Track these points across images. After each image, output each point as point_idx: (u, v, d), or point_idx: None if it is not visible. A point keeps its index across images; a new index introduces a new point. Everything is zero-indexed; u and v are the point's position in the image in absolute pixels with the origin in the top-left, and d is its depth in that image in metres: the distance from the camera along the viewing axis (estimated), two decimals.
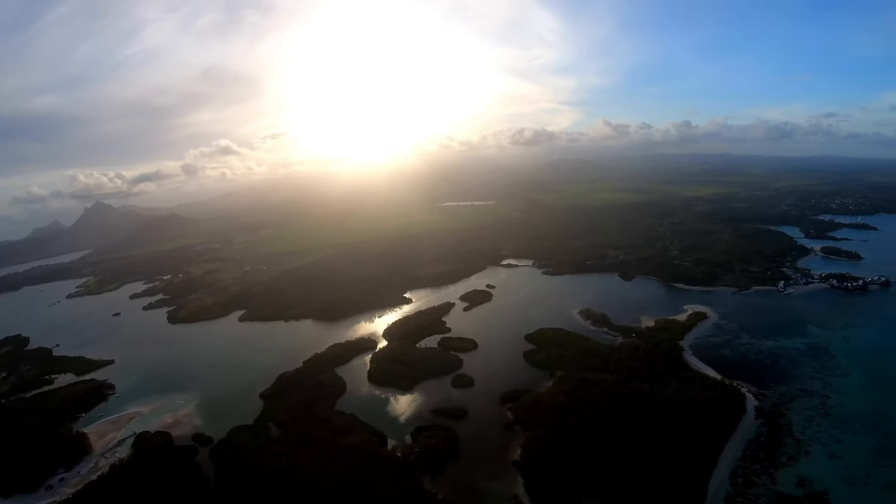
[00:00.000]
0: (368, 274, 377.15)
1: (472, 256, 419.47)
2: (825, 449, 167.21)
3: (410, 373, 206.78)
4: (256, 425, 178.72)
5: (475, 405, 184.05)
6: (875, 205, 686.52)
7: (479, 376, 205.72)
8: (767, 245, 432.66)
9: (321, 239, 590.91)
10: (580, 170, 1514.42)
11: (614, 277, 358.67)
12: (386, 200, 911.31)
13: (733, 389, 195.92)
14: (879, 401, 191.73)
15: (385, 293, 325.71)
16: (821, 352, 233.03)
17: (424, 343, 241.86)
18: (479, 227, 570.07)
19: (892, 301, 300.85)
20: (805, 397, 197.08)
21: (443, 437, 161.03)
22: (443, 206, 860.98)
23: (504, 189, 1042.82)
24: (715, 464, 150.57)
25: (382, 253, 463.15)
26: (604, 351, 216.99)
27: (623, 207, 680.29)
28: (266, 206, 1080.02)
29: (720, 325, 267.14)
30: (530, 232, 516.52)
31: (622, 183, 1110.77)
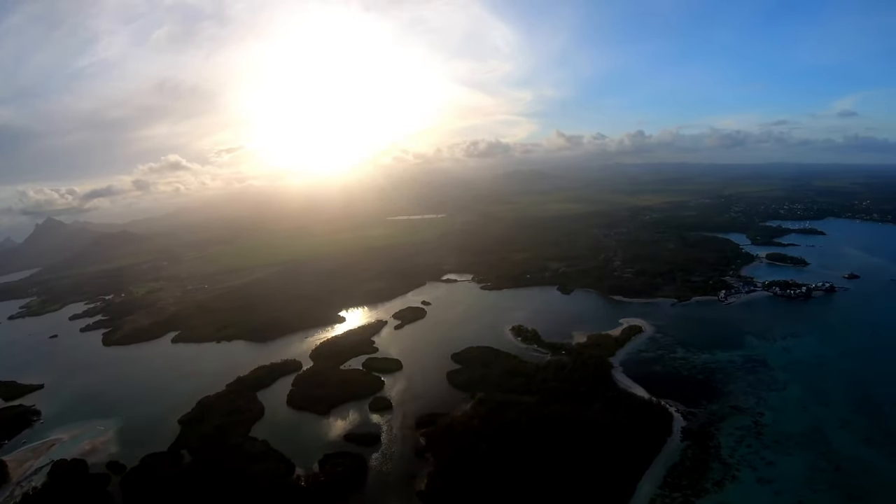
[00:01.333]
0: (308, 291, 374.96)
1: (413, 272, 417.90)
2: (754, 473, 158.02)
3: (330, 396, 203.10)
4: (169, 452, 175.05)
5: (390, 430, 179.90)
6: (824, 209, 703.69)
7: (398, 399, 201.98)
8: (712, 253, 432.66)
9: (269, 255, 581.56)
10: (535, 181, 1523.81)
11: (553, 291, 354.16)
12: (338, 214, 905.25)
13: (660, 409, 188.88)
14: (817, 416, 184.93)
15: (320, 311, 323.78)
16: (758, 364, 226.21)
17: (349, 364, 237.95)
18: (426, 242, 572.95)
19: (835, 308, 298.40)
20: (737, 415, 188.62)
21: (349, 465, 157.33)
22: (395, 219, 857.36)
23: (457, 202, 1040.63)
24: (632, 493, 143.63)
25: (325, 269, 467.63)
26: (529, 370, 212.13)
27: (571, 218, 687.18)
28: (219, 221, 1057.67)
29: (655, 338, 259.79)
30: (475, 245, 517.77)
31: (575, 193, 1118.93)
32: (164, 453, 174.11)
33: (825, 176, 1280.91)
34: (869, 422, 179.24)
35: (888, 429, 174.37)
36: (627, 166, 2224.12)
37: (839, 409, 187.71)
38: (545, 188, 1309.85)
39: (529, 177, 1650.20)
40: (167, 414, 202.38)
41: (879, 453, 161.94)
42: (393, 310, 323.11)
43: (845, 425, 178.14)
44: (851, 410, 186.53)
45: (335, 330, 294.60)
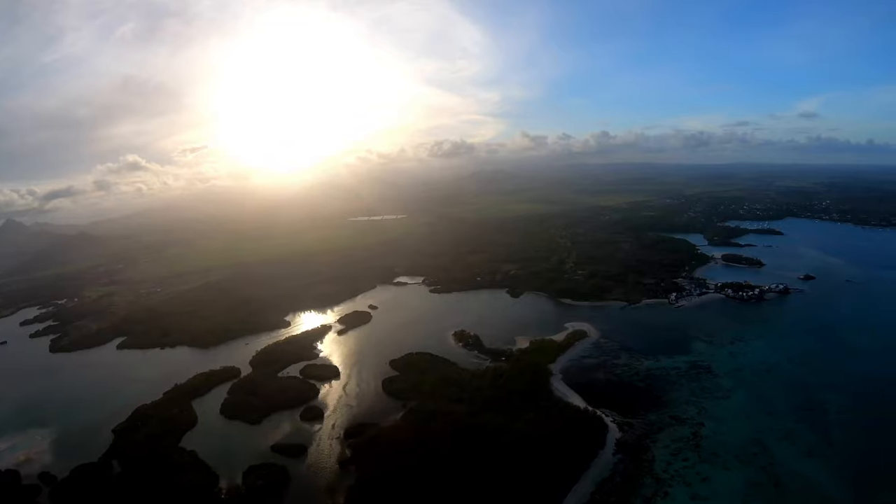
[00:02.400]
0: (257, 295, 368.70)
1: (365, 275, 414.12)
2: (688, 489, 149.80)
3: (263, 405, 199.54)
4: (101, 463, 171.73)
5: (318, 440, 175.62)
6: (783, 209, 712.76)
7: (331, 408, 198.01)
8: (667, 254, 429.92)
9: (225, 258, 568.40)
10: (498, 181, 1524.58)
11: (502, 294, 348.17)
12: (299, 215, 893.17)
13: (595, 420, 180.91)
14: (760, 427, 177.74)
15: (267, 316, 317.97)
16: (703, 371, 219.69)
17: (288, 371, 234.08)
18: (383, 243, 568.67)
19: (788, 310, 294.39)
20: (676, 426, 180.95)
21: (272, 477, 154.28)
22: (355, 220, 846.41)
23: (419, 202, 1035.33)
24: None
25: (278, 272, 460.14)
26: (465, 378, 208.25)
27: (530, 219, 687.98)
28: (181, 222, 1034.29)
29: (599, 344, 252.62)
30: (431, 247, 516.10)
31: (537, 194, 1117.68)
32: (95, 464, 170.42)
33: (787, 176, 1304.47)
34: (813, 432, 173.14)
35: (833, 439, 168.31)
36: (592, 166, 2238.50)
37: (783, 419, 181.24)
38: (508, 188, 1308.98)
39: (493, 177, 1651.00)
40: (104, 423, 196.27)
41: (823, 467, 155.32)
42: (340, 314, 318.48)
43: (789, 436, 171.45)
44: (796, 420, 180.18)
45: (279, 335, 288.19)
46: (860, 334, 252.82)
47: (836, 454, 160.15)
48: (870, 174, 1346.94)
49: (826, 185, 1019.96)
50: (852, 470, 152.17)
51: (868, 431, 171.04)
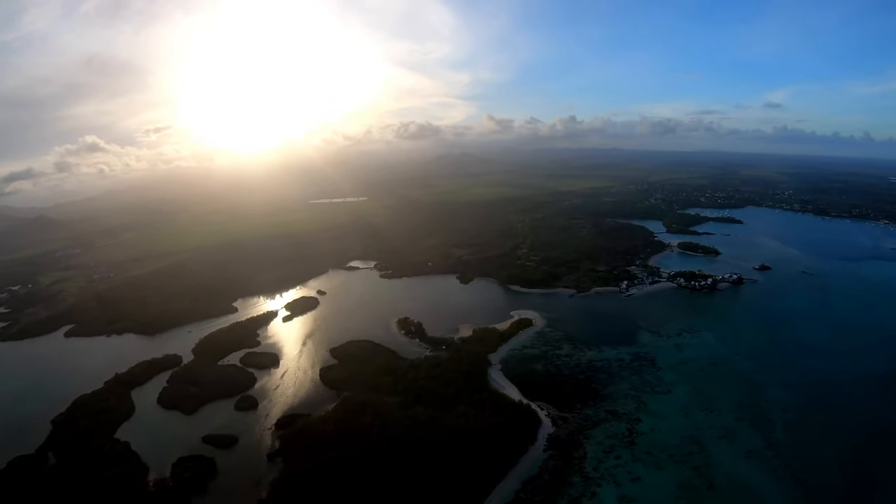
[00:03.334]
0: (207, 280, 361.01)
1: (318, 259, 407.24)
2: (616, 489, 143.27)
3: (200, 394, 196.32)
4: (37, 455, 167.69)
5: (249, 431, 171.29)
6: (745, 198, 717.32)
7: (266, 397, 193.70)
8: (623, 241, 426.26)
9: (181, 241, 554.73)
10: (465, 164, 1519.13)
11: (452, 280, 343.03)
12: (261, 198, 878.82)
13: (529, 414, 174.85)
14: (698, 424, 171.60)
15: (215, 302, 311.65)
16: (646, 364, 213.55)
17: (229, 359, 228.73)
18: (340, 226, 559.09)
19: (740, 302, 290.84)
20: (612, 421, 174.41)
21: (199, 469, 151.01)
22: (317, 203, 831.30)
23: (382, 185, 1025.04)
24: None
25: (231, 256, 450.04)
26: (402, 368, 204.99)
27: (491, 203, 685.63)
28: (142, 204, 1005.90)
29: (544, 333, 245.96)
30: (387, 231, 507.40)
31: (502, 177, 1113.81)
32: (31, 456, 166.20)
33: (752, 165, 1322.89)
34: (755, 432, 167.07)
35: (774, 440, 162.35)
36: (561, 151, 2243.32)
37: (724, 417, 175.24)
38: (474, 171, 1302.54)
39: (460, 160, 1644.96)
40: (44, 414, 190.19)
41: (760, 470, 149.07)
42: (287, 299, 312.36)
43: (728, 435, 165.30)
44: (737, 418, 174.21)
45: (226, 321, 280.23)
46: (812, 328, 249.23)
47: (776, 456, 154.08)
48: (834, 166, 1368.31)
49: (790, 175, 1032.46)
50: (791, 474, 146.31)
51: (812, 433, 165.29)
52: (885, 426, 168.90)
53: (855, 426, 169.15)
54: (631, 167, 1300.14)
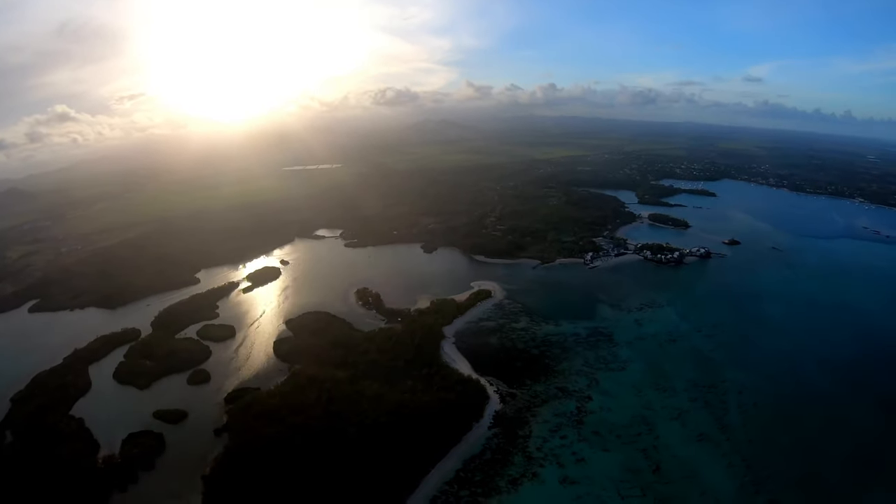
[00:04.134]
0: (172, 251, 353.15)
1: (284, 228, 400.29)
2: (559, 471, 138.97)
3: (155, 368, 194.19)
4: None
5: (200, 405, 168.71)
6: (721, 171, 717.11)
7: (219, 371, 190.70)
8: (593, 211, 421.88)
9: (151, 212, 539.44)
10: (443, 131, 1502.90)
11: (417, 249, 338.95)
12: (235, 165, 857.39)
13: (477, 390, 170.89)
14: (650, 404, 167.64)
15: (178, 273, 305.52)
16: (603, 339, 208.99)
17: (186, 332, 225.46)
18: (310, 195, 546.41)
19: (705, 276, 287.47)
20: (561, 399, 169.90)
21: (148, 445, 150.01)
22: (290, 170, 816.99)
23: (357, 152, 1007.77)
24: (415, 488, 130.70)
25: (197, 226, 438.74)
26: (356, 340, 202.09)
27: (464, 170, 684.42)
28: (114, 174, 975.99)
29: (502, 305, 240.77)
30: (356, 199, 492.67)
31: (479, 144, 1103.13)
32: None
33: (732, 138, 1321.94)
34: (708, 413, 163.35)
35: (728, 423, 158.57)
36: (541, 118, 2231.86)
37: (678, 397, 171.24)
38: (452, 138, 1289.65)
39: (439, 127, 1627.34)
40: (4, 392, 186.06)
41: (710, 454, 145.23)
42: (250, 270, 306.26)
43: (680, 416, 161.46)
44: (692, 399, 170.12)
45: (188, 293, 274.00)
46: (776, 307, 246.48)
47: (728, 440, 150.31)
48: (814, 142, 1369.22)
49: (768, 150, 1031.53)
50: (742, 460, 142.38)
51: (768, 417, 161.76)
52: (841, 412, 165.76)
53: (812, 410, 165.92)
54: (609, 136, 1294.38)
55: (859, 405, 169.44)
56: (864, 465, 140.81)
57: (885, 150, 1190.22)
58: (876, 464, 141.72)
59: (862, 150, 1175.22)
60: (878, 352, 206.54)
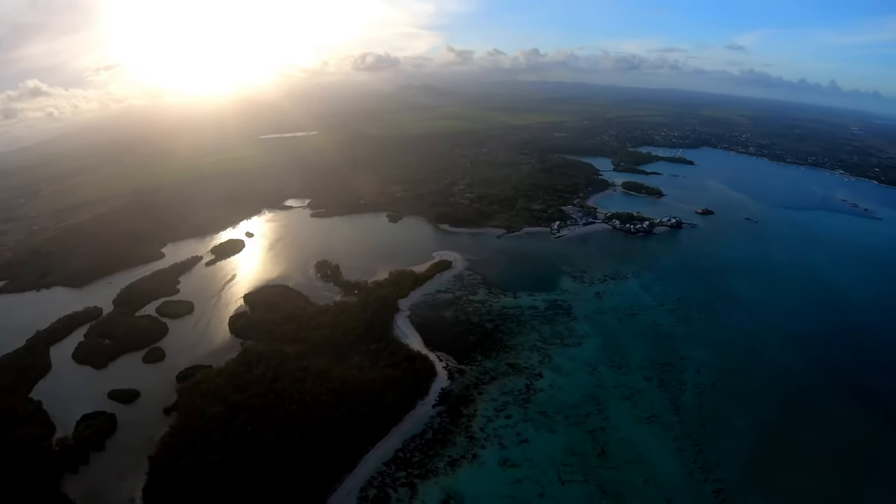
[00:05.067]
0: (140, 226, 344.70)
1: (254, 198, 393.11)
2: (501, 452, 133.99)
3: (113, 347, 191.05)
4: None
5: (153, 385, 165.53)
6: (701, 139, 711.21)
7: (175, 348, 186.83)
8: (565, 178, 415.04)
9: (125, 185, 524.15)
10: (424, 96, 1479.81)
11: (382, 218, 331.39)
12: (211, 134, 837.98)
13: (424, 366, 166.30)
14: (603, 382, 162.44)
15: (144, 249, 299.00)
16: (561, 312, 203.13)
17: (146, 309, 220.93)
18: (283, 163, 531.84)
19: (675, 247, 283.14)
20: (511, 376, 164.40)
21: (100, 426, 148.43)
22: (266, 138, 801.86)
23: (335, 118, 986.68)
24: (352, 468, 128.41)
25: (167, 199, 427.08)
26: (309, 314, 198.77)
27: (440, 136, 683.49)
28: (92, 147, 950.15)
29: (462, 276, 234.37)
30: (328, 167, 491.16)
31: (458, 110, 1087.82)
32: None
33: (716, 106, 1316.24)
34: (662, 393, 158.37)
35: (682, 404, 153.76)
36: (525, 83, 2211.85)
37: (633, 375, 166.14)
38: (432, 104, 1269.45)
39: (419, 92, 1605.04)
40: None
41: (659, 437, 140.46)
42: (217, 242, 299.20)
43: (633, 396, 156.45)
44: (647, 377, 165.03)
45: (153, 268, 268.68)
46: (745, 280, 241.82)
47: (680, 422, 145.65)
48: (798, 112, 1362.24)
49: (751, 118, 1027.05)
50: (693, 443, 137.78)
51: (724, 398, 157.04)
52: (802, 393, 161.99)
53: (772, 391, 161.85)
54: (591, 102, 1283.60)
55: (822, 386, 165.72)
56: (821, 452, 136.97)
57: (870, 123, 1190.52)
58: (833, 451, 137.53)
59: (846, 121, 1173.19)
60: (846, 329, 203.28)
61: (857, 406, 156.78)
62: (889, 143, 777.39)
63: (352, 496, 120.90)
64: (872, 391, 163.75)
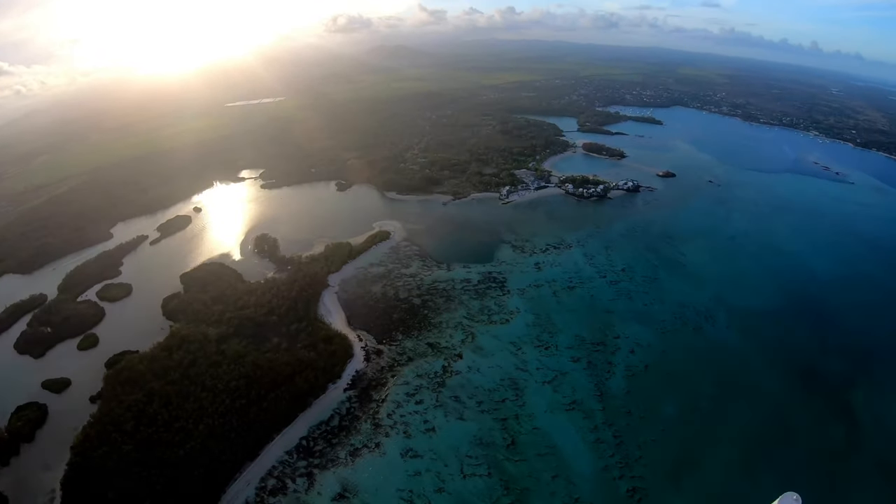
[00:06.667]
0: (93, 206, 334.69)
1: (208, 171, 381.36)
2: (405, 441, 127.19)
3: (52, 335, 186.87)
4: None
5: (84, 372, 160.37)
6: (674, 98, 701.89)
7: (108, 334, 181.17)
8: (525, 140, 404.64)
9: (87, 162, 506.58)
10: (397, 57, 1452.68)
11: (331, 187, 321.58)
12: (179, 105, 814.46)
13: (342, 347, 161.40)
14: (526, 364, 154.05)
15: (96, 229, 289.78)
16: (494, 286, 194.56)
17: (88, 293, 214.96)
18: (243, 132, 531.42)
19: (628, 213, 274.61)
20: (429, 356, 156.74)
21: (31, 417, 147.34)
22: (232, 106, 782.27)
23: (304, 82, 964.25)
24: (255, 457, 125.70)
25: (126, 175, 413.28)
26: (238, 293, 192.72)
27: (405, 98, 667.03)
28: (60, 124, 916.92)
29: (398, 247, 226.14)
30: (286, 135, 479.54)
31: (431, 70, 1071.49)
32: None
33: (694, 65, 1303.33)
34: (588, 377, 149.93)
35: (608, 389, 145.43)
36: (502, 42, 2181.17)
37: (560, 357, 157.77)
38: (403, 66, 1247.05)
39: (393, 54, 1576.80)
40: None
41: (577, 427, 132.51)
42: (165, 218, 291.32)
43: (555, 380, 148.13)
44: (574, 359, 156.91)
45: (99, 250, 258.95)
46: (697, 250, 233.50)
47: (603, 410, 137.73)
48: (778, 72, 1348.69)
49: (728, 77, 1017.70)
50: (613, 435, 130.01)
51: (657, 382, 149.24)
52: (744, 379, 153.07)
53: (711, 376, 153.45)
54: (567, 61, 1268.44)
55: (766, 370, 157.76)
56: (755, 450, 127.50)
57: (851, 85, 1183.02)
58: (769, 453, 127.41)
59: (827, 82, 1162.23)
60: (803, 306, 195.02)
61: (802, 394, 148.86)
62: (868, 105, 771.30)
63: (251, 486, 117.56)
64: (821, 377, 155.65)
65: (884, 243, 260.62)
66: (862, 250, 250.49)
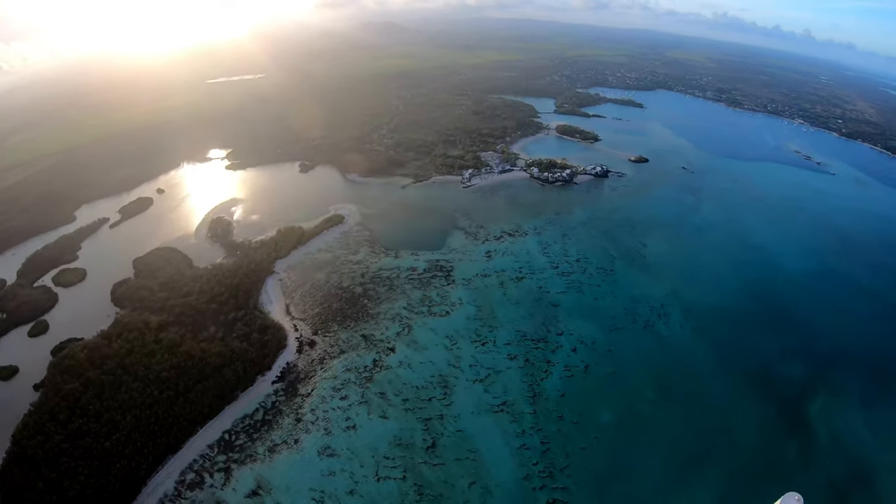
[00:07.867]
0: (59, 188, 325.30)
1: (177, 151, 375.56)
2: (323, 440, 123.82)
3: (5, 322, 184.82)
4: None
5: (32, 360, 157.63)
6: (659, 81, 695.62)
7: (59, 320, 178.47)
8: (497, 121, 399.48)
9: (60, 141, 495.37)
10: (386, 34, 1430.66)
11: (294, 168, 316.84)
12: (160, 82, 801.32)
13: (276, 338, 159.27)
14: (458, 361, 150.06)
15: (60, 212, 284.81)
16: (440, 275, 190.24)
17: (45, 279, 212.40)
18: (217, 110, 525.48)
19: (592, 200, 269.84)
20: (362, 349, 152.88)
21: None
22: (212, 83, 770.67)
23: (287, 58, 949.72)
24: (178, 450, 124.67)
25: (96, 156, 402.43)
26: (185, 280, 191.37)
27: (384, 77, 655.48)
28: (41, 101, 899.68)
29: (349, 233, 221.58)
30: (261, 114, 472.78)
31: (416, 48, 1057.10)
32: None
33: (683, 48, 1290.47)
34: (523, 376, 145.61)
35: (542, 390, 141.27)
36: (494, 21, 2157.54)
37: (497, 353, 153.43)
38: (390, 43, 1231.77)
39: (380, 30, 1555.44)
40: None
41: (503, 431, 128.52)
42: (128, 200, 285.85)
43: (487, 378, 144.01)
44: (512, 356, 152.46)
45: (61, 233, 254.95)
46: (659, 241, 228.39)
47: (534, 413, 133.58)
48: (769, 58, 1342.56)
49: (717, 62, 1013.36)
50: (541, 440, 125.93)
51: (596, 383, 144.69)
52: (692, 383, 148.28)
53: (653, 379, 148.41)
54: (554, 41, 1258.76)
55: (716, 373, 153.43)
56: (692, 464, 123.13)
57: (841, 74, 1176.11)
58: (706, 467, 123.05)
59: (817, 70, 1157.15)
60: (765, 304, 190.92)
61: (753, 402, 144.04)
62: (857, 95, 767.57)
63: (171, 479, 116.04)
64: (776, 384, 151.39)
65: (858, 238, 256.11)
66: (834, 245, 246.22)
